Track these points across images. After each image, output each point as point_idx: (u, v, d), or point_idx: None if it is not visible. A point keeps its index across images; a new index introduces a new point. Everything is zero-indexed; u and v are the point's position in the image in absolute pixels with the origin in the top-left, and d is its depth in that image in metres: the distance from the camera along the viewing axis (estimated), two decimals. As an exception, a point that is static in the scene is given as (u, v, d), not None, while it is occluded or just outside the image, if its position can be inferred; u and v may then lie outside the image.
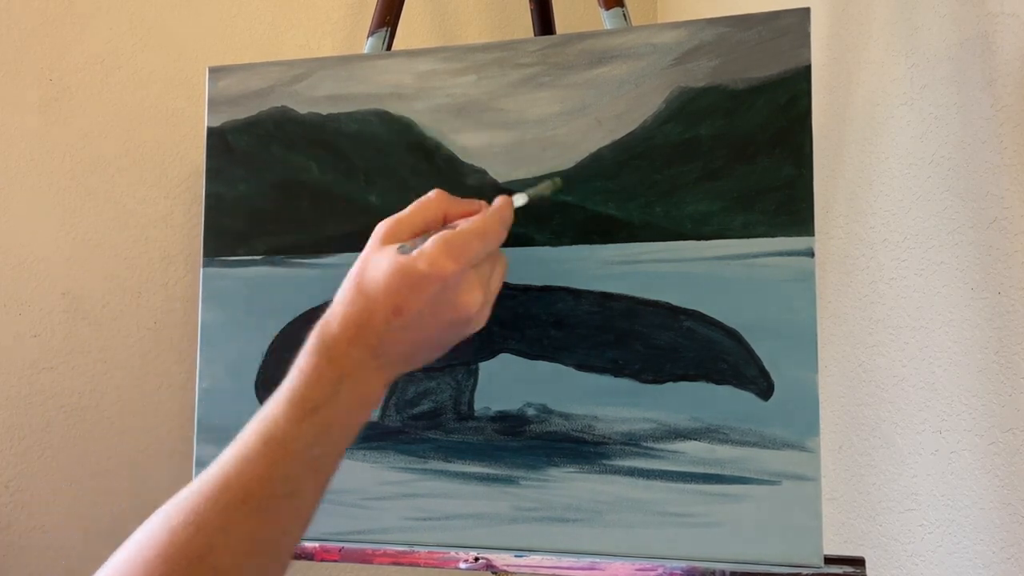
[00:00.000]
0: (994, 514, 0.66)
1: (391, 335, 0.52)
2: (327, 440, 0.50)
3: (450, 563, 0.65)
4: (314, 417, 0.50)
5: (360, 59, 0.72)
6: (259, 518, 0.48)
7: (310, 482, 0.50)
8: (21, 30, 0.99)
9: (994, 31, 0.65)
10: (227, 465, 0.49)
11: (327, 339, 0.52)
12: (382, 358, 0.52)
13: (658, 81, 0.64)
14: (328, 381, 0.51)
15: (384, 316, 0.51)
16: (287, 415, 0.50)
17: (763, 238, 0.62)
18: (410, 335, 0.52)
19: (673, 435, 0.62)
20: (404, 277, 0.51)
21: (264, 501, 0.48)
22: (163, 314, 1.02)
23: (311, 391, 0.50)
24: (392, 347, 0.52)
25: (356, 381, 0.51)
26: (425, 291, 0.51)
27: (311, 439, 0.50)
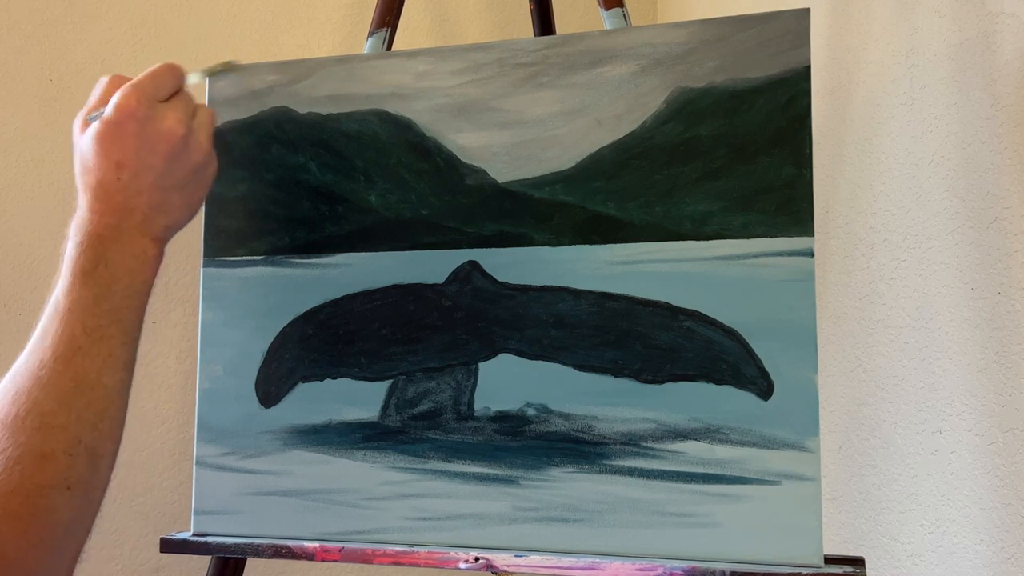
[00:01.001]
0: (994, 514, 0.66)
1: (129, 189, 0.58)
2: (113, 295, 0.56)
3: (450, 563, 0.65)
4: (89, 279, 0.56)
5: (360, 59, 0.72)
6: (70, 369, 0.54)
7: (112, 329, 0.56)
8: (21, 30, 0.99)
9: (994, 31, 0.65)
10: (32, 344, 0.56)
11: (80, 222, 0.58)
12: (135, 213, 0.58)
13: (658, 81, 0.64)
14: (91, 249, 0.56)
15: (112, 176, 0.57)
16: (65, 288, 0.56)
17: (763, 238, 0.62)
18: (145, 180, 0.58)
19: (673, 435, 0.62)
20: (105, 134, 0.57)
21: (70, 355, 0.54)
22: (163, 314, 1.02)
23: (78, 263, 0.56)
24: (137, 200, 0.58)
25: (121, 243, 0.57)
26: (127, 134, 0.57)
27: (94, 298, 0.56)
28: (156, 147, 0.58)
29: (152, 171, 0.58)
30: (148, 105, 0.58)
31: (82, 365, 0.54)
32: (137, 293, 0.58)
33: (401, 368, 0.68)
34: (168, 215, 0.60)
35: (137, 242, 0.58)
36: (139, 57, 1.02)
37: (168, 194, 0.59)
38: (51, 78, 0.99)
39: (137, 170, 0.57)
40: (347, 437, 0.68)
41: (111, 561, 0.99)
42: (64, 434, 0.53)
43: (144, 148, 0.57)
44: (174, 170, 0.59)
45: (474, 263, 0.67)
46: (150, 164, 0.58)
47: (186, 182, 0.60)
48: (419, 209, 0.69)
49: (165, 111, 0.59)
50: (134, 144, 0.57)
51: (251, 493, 0.70)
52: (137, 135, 0.57)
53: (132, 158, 0.57)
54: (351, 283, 0.69)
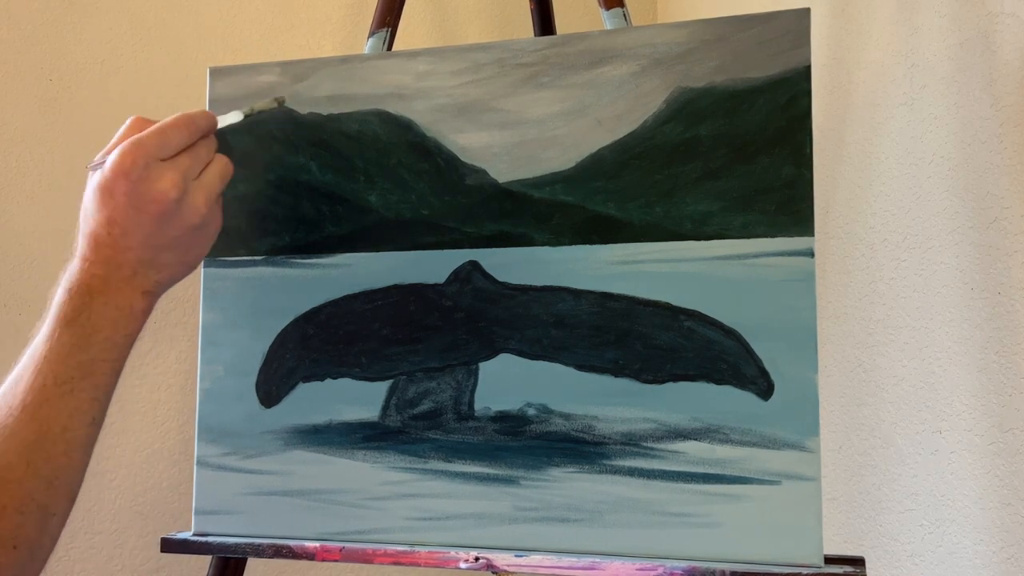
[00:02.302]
0: (994, 514, 0.66)
1: (119, 244, 0.57)
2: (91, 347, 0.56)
3: (450, 563, 0.65)
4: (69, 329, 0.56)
5: (360, 59, 0.72)
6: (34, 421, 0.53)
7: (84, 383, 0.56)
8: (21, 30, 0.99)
9: (994, 31, 0.65)
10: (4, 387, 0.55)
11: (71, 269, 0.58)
12: (124, 268, 0.58)
13: (658, 81, 0.64)
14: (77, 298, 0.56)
15: (104, 230, 0.57)
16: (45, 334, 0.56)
17: (763, 238, 0.62)
18: (135, 238, 0.57)
19: (673, 435, 0.62)
20: (101, 189, 0.57)
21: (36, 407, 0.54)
22: (163, 314, 1.02)
23: (62, 310, 0.56)
24: (127, 255, 0.57)
25: (108, 294, 0.57)
26: (118, 191, 0.57)
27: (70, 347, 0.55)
28: (146, 207, 0.57)
29: (141, 230, 0.57)
30: (143, 165, 0.57)
31: (47, 417, 0.54)
32: (117, 346, 0.58)
33: (401, 368, 0.68)
34: (160, 272, 0.59)
35: (124, 295, 0.58)
36: (139, 57, 1.02)
37: (159, 252, 0.59)
38: (51, 78, 0.99)
39: (127, 228, 0.57)
40: (348, 437, 0.68)
41: (111, 561, 0.99)
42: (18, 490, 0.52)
43: (133, 208, 0.57)
44: (165, 231, 0.58)
45: (474, 263, 0.67)
46: (139, 223, 0.57)
47: (179, 242, 0.60)
48: (419, 209, 0.69)
49: (162, 171, 0.58)
50: (124, 203, 0.57)
51: (252, 493, 0.70)
52: (127, 194, 0.57)
53: (122, 216, 0.57)
54: (351, 283, 0.69)
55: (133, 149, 0.57)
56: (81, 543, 0.98)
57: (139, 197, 0.57)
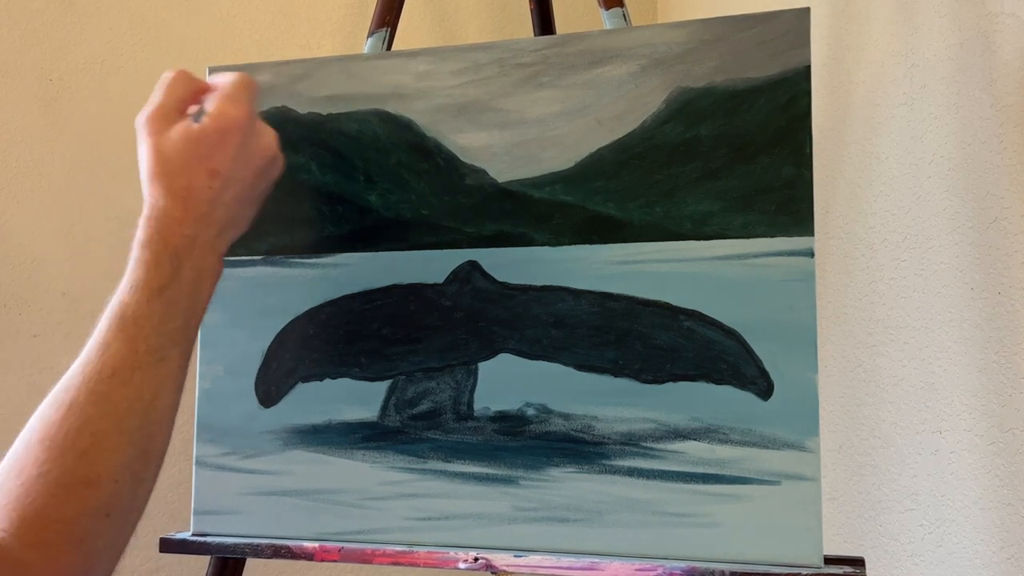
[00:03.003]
0: (994, 514, 0.66)
1: (217, 199, 0.56)
2: (177, 315, 0.54)
3: (450, 563, 0.65)
4: (161, 296, 0.54)
5: (360, 59, 0.72)
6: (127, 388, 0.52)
7: (173, 351, 0.54)
8: (21, 30, 0.99)
9: (994, 31, 0.65)
10: (88, 353, 0.53)
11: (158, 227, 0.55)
12: (214, 226, 0.56)
13: (658, 81, 0.64)
14: (167, 263, 0.54)
15: (204, 183, 0.55)
16: (136, 299, 0.53)
17: (763, 238, 0.62)
18: (231, 192, 0.56)
19: (673, 435, 0.62)
20: (205, 140, 0.55)
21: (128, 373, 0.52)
22: (163, 314, 1.02)
23: (153, 275, 0.54)
24: (220, 212, 0.56)
25: (193, 259, 0.55)
26: (230, 143, 0.56)
27: (162, 316, 0.54)
28: (252, 161, 0.57)
29: (241, 184, 0.57)
30: (253, 118, 0.57)
31: (139, 385, 0.52)
32: (197, 313, 0.57)
33: (401, 368, 0.68)
34: (236, 229, 0.59)
35: (207, 258, 0.56)
36: (139, 57, 1.02)
37: (246, 208, 0.59)
38: (51, 78, 0.99)
39: (229, 181, 0.56)
40: (347, 437, 0.68)
41: (111, 561, 0.99)
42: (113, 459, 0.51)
43: (243, 161, 0.56)
44: (257, 185, 0.59)
45: (474, 263, 0.67)
46: (242, 177, 0.57)
47: (259, 199, 0.60)
48: (419, 209, 0.69)
49: (263, 126, 0.59)
50: (232, 155, 0.56)
51: (251, 493, 0.70)
52: (238, 147, 0.56)
53: (228, 169, 0.56)
54: (351, 283, 0.69)
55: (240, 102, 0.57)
56: (81, 543, 0.98)
57: (247, 150, 0.57)
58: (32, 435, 0.51)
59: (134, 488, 0.53)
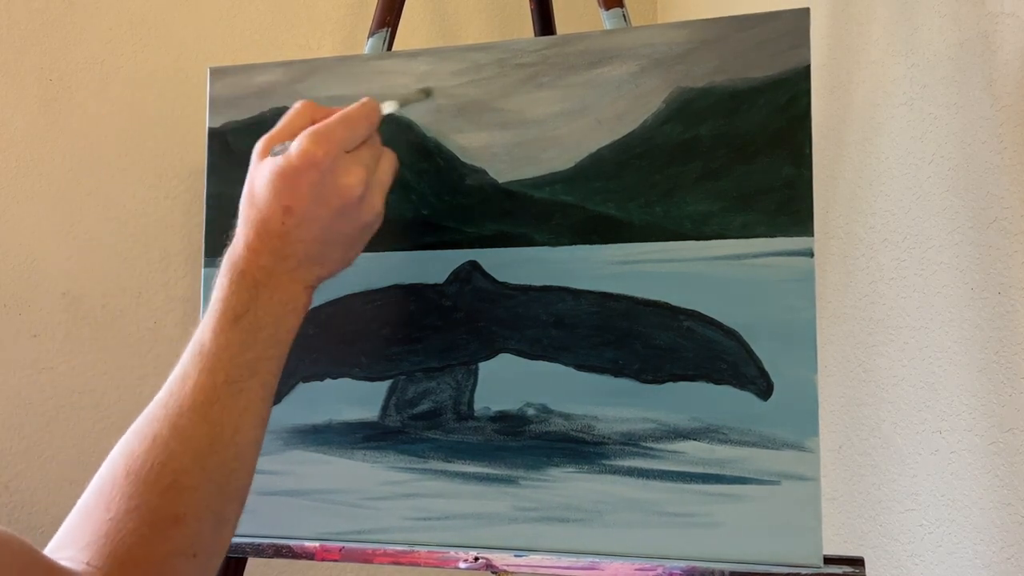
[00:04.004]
0: (994, 514, 0.66)
1: (291, 235, 0.55)
2: (256, 344, 0.54)
3: (450, 563, 0.65)
4: (237, 325, 0.53)
5: (360, 59, 0.72)
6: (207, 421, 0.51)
7: (252, 382, 0.53)
8: (21, 30, 0.99)
9: (994, 31, 0.65)
10: (171, 384, 0.52)
11: (235, 257, 0.55)
12: (290, 260, 0.55)
13: (658, 81, 0.64)
14: (244, 291, 0.54)
15: (278, 219, 0.55)
16: (213, 329, 0.53)
17: (763, 238, 0.62)
18: (309, 231, 0.55)
19: (673, 435, 0.62)
20: (282, 175, 0.54)
21: (207, 407, 0.52)
22: (163, 314, 1.02)
23: (229, 304, 0.54)
24: (296, 247, 0.55)
25: (272, 288, 0.55)
26: (304, 181, 0.54)
27: (239, 345, 0.53)
28: (330, 201, 0.55)
29: (318, 224, 0.55)
30: (335, 157, 0.55)
31: (219, 419, 0.51)
32: (280, 343, 0.55)
33: (401, 368, 0.68)
34: (323, 267, 0.57)
35: (288, 288, 0.55)
36: (139, 57, 1.02)
37: (328, 248, 0.57)
38: (51, 78, 0.99)
39: (304, 219, 0.55)
40: (347, 437, 0.68)
41: (111, 561, 0.99)
42: (194, 496, 0.50)
43: (317, 200, 0.55)
44: (341, 226, 0.57)
45: (474, 263, 0.67)
46: (318, 216, 0.55)
47: (349, 238, 0.58)
48: (419, 209, 0.69)
49: (349, 165, 0.56)
50: (308, 194, 0.54)
51: (252, 492, 0.69)
52: (314, 185, 0.54)
53: (302, 207, 0.54)
54: (351, 283, 0.69)
55: (324, 140, 0.55)
56: (81, 543, 0.98)
57: (325, 189, 0.55)
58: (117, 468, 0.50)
59: (217, 527, 0.51)
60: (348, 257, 0.59)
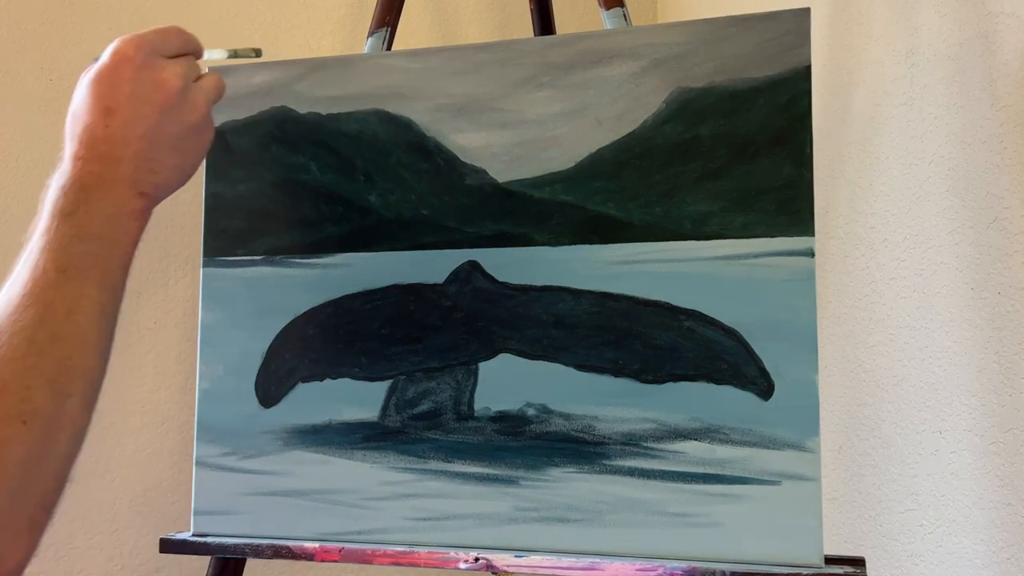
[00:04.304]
0: (994, 514, 0.66)
1: (116, 136, 0.55)
2: (88, 238, 0.53)
3: (450, 563, 0.65)
4: (68, 220, 0.53)
5: (360, 59, 0.72)
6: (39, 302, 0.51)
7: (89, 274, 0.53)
8: (21, 30, 0.99)
9: (994, 31, 0.65)
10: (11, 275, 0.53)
11: (61, 172, 0.55)
12: (121, 164, 0.55)
13: (658, 81, 0.64)
14: (73, 193, 0.54)
15: (101, 122, 0.55)
16: (41, 228, 0.54)
17: (763, 238, 0.62)
18: (134, 130, 0.55)
19: (673, 435, 0.62)
20: (98, 79, 0.55)
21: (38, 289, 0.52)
22: (163, 314, 1.02)
23: (57, 204, 0.54)
24: (124, 150, 0.55)
25: (104, 191, 0.54)
26: (120, 78, 0.55)
27: (70, 238, 0.53)
28: (150, 96, 0.56)
29: (143, 121, 0.56)
30: (148, 53, 0.56)
31: (50, 300, 0.51)
32: (118, 243, 0.55)
33: (401, 368, 0.68)
34: (157, 173, 0.57)
35: (122, 192, 0.55)
36: (139, 57, 1.02)
37: (158, 151, 0.57)
38: (51, 78, 0.99)
39: (128, 118, 0.55)
40: (347, 437, 0.68)
41: (111, 561, 0.99)
42: (20, 365, 0.49)
43: (137, 96, 0.55)
44: (166, 125, 0.57)
45: (474, 263, 0.67)
46: (142, 113, 0.55)
47: (179, 141, 0.58)
48: (419, 209, 0.69)
49: (165, 63, 0.57)
50: (127, 90, 0.55)
51: (251, 493, 0.70)
52: (132, 80, 0.55)
53: (124, 105, 0.55)
54: (351, 283, 0.69)
55: (134, 39, 0.56)
56: (81, 543, 0.98)
57: (143, 84, 0.56)
58: None
59: (54, 399, 0.50)
60: (183, 166, 0.59)
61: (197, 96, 0.59)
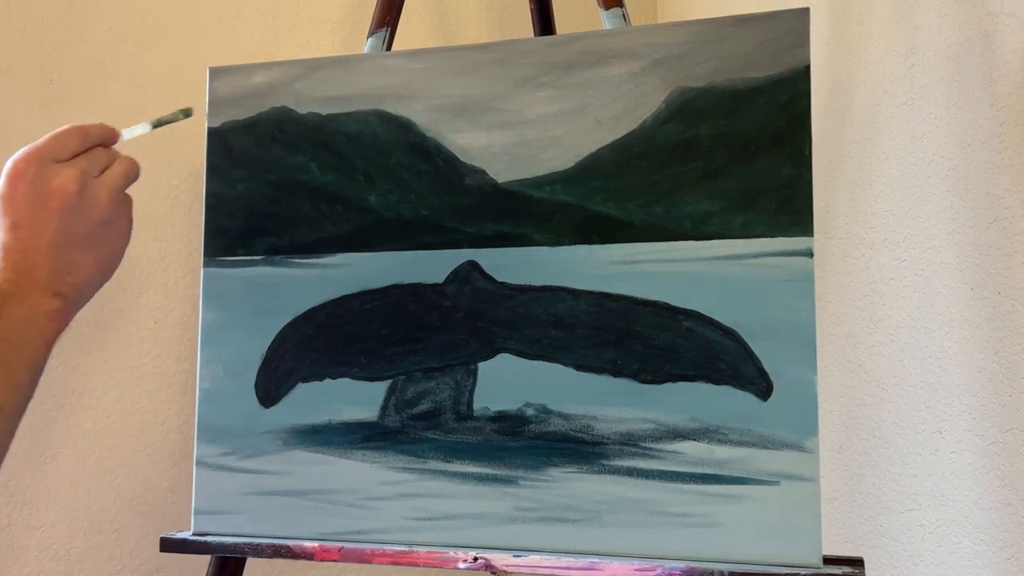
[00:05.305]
0: (994, 514, 0.66)
1: (27, 247, 0.57)
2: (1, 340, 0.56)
3: (449, 563, 0.65)
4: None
5: (360, 59, 0.72)
6: None
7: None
8: (21, 30, 0.99)
9: (994, 31, 0.65)
10: None
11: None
12: (36, 271, 0.58)
13: (658, 81, 0.64)
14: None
15: (9, 235, 0.58)
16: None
17: (763, 238, 0.62)
18: (42, 238, 0.58)
19: (672, 435, 0.62)
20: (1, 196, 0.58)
21: None
22: (163, 314, 1.02)
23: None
24: (36, 257, 0.58)
25: (19, 297, 0.57)
26: (17, 193, 0.58)
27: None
28: (46, 204, 0.58)
29: (46, 229, 0.58)
30: (38, 164, 0.58)
31: None
32: (30, 345, 0.58)
33: (401, 368, 0.68)
34: (74, 274, 0.59)
35: (37, 297, 0.58)
36: (139, 57, 1.02)
37: (69, 251, 0.59)
38: (51, 78, 0.99)
39: (31, 229, 0.58)
40: (347, 437, 0.68)
41: (111, 561, 0.99)
42: None
43: (34, 207, 0.58)
44: (72, 227, 0.59)
45: (474, 263, 0.67)
46: (43, 222, 0.58)
47: (88, 239, 0.60)
48: (419, 209, 0.69)
49: (58, 169, 0.59)
50: (24, 204, 0.58)
51: (251, 493, 0.70)
52: (27, 194, 0.58)
53: (25, 217, 0.57)
54: (351, 283, 0.69)
55: (26, 154, 0.58)
56: (81, 543, 0.98)
57: (38, 194, 0.58)
58: None
59: None
60: (99, 260, 0.61)
61: (98, 192, 0.60)
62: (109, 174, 0.62)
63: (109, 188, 0.61)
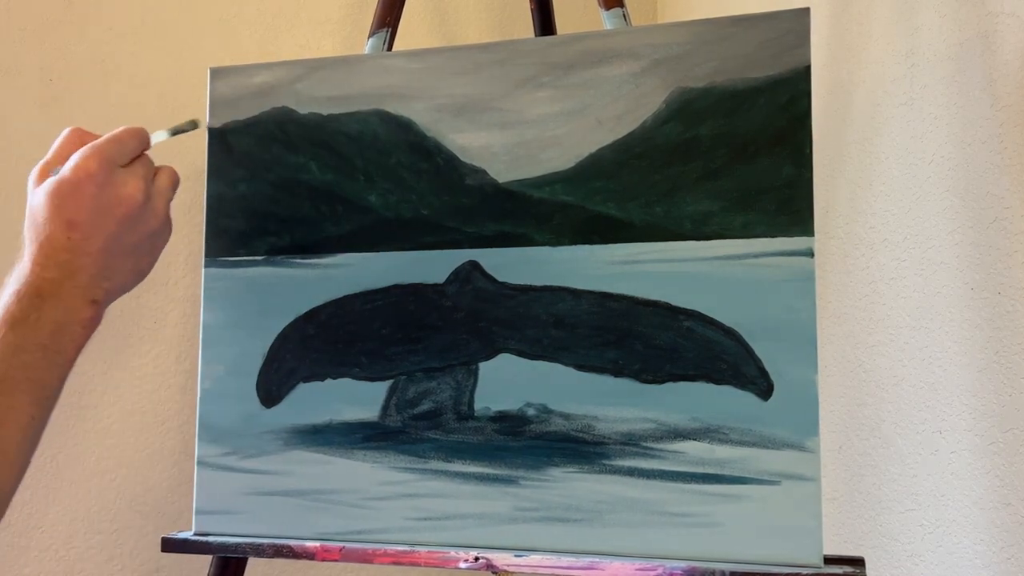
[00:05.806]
0: (994, 514, 0.66)
1: (77, 249, 0.56)
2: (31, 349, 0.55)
3: (450, 563, 0.65)
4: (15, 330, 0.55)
5: (360, 59, 0.72)
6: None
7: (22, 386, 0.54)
8: (21, 30, 0.99)
9: (994, 31, 0.65)
10: None
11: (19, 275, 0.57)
12: (80, 275, 0.57)
13: (658, 81, 0.64)
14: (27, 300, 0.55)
15: (62, 234, 0.56)
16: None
17: (763, 238, 0.62)
18: (97, 243, 0.57)
19: (673, 435, 0.62)
20: (60, 192, 0.57)
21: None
22: (163, 314, 1.02)
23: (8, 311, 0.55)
24: (84, 260, 0.57)
25: (58, 299, 0.56)
26: (83, 194, 0.56)
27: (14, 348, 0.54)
28: (113, 211, 0.58)
29: (104, 234, 0.57)
30: (108, 169, 0.58)
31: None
32: (62, 351, 0.57)
33: (402, 368, 0.68)
34: (112, 280, 0.59)
35: (75, 302, 0.57)
36: (139, 57, 1.02)
37: (115, 259, 0.59)
38: (51, 78, 0.99)
39: (89, 232, 0.57)
40: (348, 437, 0.68)
41: (111, 561, 0.99)
42: None
43: (100, 211, 0.57)
44: (126, 236, 0.59)
45: (474, 263, 0.67)
46: (103, 227, 0.57)
47: (137, 248, 0.60)
48: (419, 209, 0.69)
49: (126, 176, 0.59)
50: (90, 206, 0.57)
51: (252, 493, 0.70)
52: (94, 197, 0.57)
53: (86, 220, 0.57)
54: (351, 283, 0.69)
55: (96, 154, 0.57)
56: (81, 543, 0.98)
57: (107, 200, 0.57)
58: None
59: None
60: (139, 269, 0.61)
61: (158, 203, 0.61)
62: (162, 184, 0.62)
63: (164, 199, 0.61)
